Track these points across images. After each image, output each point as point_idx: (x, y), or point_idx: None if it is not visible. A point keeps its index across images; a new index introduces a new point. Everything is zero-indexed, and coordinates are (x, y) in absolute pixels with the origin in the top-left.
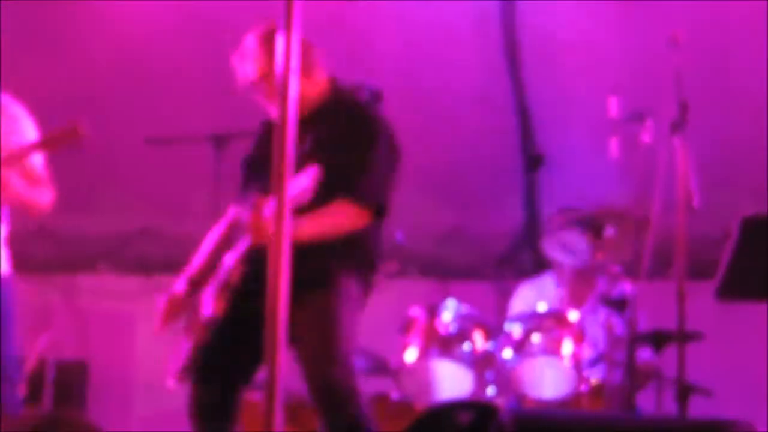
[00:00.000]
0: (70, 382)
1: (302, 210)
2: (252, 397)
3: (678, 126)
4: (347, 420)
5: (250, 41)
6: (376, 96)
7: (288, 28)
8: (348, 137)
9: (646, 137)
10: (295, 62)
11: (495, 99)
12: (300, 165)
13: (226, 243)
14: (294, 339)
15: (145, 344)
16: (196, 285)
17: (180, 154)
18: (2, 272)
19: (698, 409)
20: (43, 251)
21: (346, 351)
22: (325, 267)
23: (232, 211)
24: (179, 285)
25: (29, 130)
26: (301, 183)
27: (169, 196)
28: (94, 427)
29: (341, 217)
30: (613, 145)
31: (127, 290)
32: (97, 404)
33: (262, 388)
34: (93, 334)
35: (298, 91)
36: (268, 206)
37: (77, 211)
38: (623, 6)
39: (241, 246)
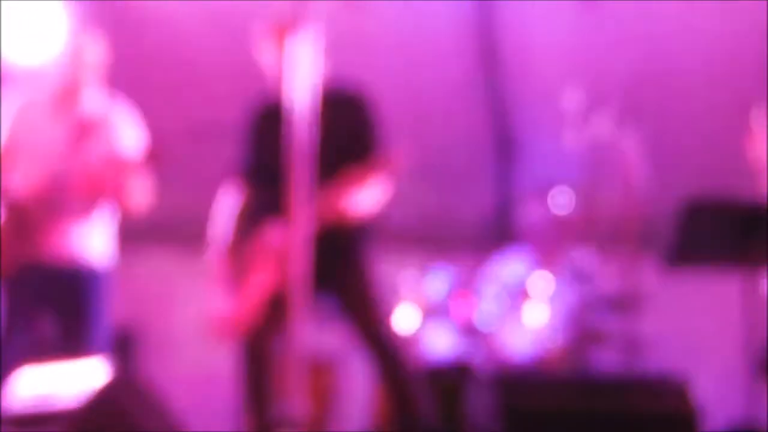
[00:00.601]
0: (121, 347)
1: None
2: None
3: (628, 116)
4: (400, 364)
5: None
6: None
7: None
8: (360, 124)
9: (601, 126)
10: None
11: (470, 88)
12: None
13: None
14: (339, 296)
15: (186, 309)
16: (236, 253)
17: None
18: (107, 265)
19: (647, 362)
20: None
21: (388, 312)
22: (357, 244)
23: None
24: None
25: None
26: (360, 174)
27: (208, 180)
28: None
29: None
30: (573, 135)
31: (170, 262)
32: (145, 365)
33: None
34: (142, 301)
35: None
36: (338, 190)
37: None
38: (581, 6)
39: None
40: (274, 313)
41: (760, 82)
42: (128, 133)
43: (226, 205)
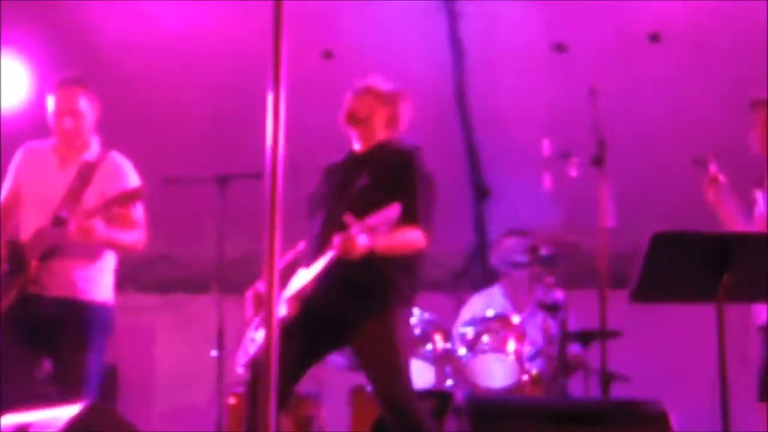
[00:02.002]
0: (103, 384)
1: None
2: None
3: (598, 161)
4: (408, 424)
5: (385, 86)
6: (416, 148)
7: (276, 83)
8: (401, 174)
9: (572, 172)
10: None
11: (448, 140)
12: (359, 194)
13: (293, 264)
14: (357, 351)
15: (164, 351)
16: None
17: (191, 191)
18: (107, 300)
19: (619, 393)
20: None
21: (407, 371)
22: (385, 293)
23: (301, 244)
24: (261, 285)
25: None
26: (388, 214)
27: (182, 227)
28: (124, 419)
29: (411, 237)
30: (546, 179)
31: (148, 306)
32: (125, 402)
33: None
34: (121, 344)
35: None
36: (356, 226)
37: None
38: (550, 59)
39: (322, 261)
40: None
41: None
42: (125, 179)
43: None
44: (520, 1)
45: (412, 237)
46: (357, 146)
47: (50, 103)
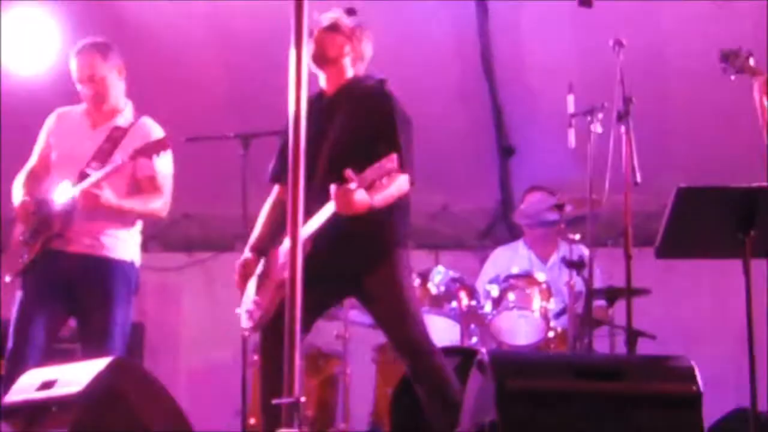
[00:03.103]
0: (130, 342)
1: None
2: None
3: (623, 117)
4: (428, 364)
5: (349, 21)
6: (383, 82)
7: (298, 40)
8: (380, 115)
9: (597, 128)
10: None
11: (473, 97)
12: (342, 141)
13: (276, 217)
14: (367, 302)
15: (189, 309)
16: (261, 252)
17: (214, 151)
18: (133, 259)
19: (645, 351)
20: None
21: (417, 311)
22: (386, 240)
23: (279, 190)
24: (247, 253)
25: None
26: (387, 166)
27: (206, 186)
28: (150, 375)
29: (399, 184)
30: (571, 136)
31: (173, 265)
32: (151, 359)
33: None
34: (147, 302)
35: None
36: (354, 181)
37: None
38: (575, 14)
39: (321, 215)
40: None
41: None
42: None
43: (265, 206)
44: None
45: (401, 183)
46: (325, 86)
47: (72, 69)
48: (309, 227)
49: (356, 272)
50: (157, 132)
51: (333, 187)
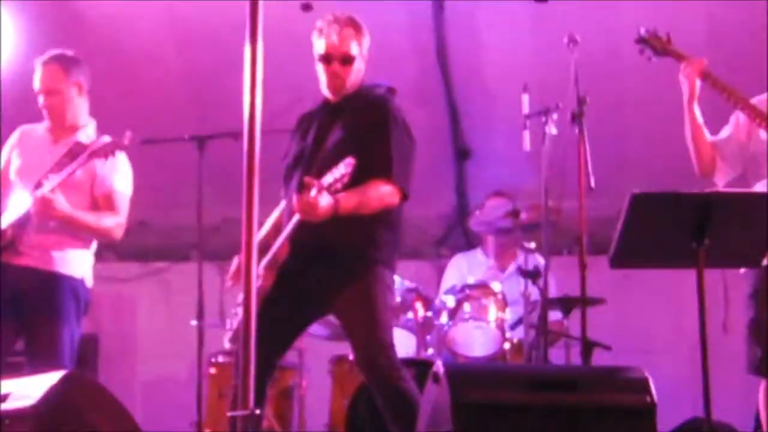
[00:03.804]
0: (84, 353)
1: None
2: None
3: (577, 118)
4: (393, 389)
5: (351, 22)
6: (392, 91)
7: (252, 37)
8: (375, 126)
9: (552, 129)
10: (259, 73)
11: (429, 99)
12: (333, 149)
13: (278, 226)
14: (340, 316)
15: (144, 319)
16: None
17: (169, 154)
18: (83, 277)
19: (600, 361)
20: None
21: (389, 336)
22: (366, 256)
23: (282, 204)
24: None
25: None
26: (340, 170)
27: (162, 192)
28: (103, 387)
29: (380, 193)
30: (526, 138)
31: (128, 275)
32: (106, 371)
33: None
34: (102, 312)
35: (347, 79)
36: (314, 187)
37: None
38: (531, 11)
39: (290, 225)
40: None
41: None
42: (115, 163)
43: (275, 211)
44: None
45: (382, 193)
46: (331, 91)
47: (34, 79)
48: (282, 237)
49: (333, 288)
50: (118, 154)
51: (295, 200)
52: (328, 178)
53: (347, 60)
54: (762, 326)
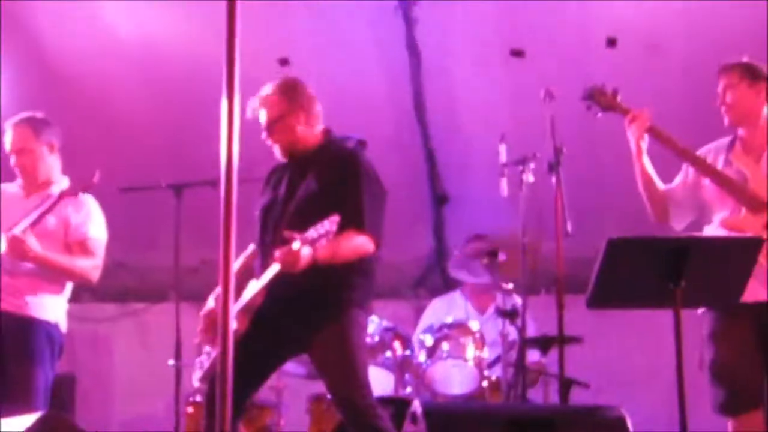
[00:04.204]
0: (61, 393)
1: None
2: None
3: (554, 167)
4: (370, 428)
5: (269, 88)
6: (362, 144)
7: (229, 90)
8: (346, 179)
9: (529, 178)
10: (235, 126)
11: (406, 146)
12: (305, 202)
13: (245, 272)
14: (314, 356)
15: (121, 359)
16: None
17: (147, 199)
18: (57, 322)
19: (578, 399)
20: None
21: (365, 376)
22: (340, 298)
23: (251, 248)
24: (211, 302)
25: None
26: (325, 226)
27: (139, 235)
28: (80, 428)
29: (355, 244)
30: (504, 185)
31: (106, 315)
32: (84, 411)
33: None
34: (79, 353)
35: (300, 137)
36: (296, 240)
37: None
38: (507, 64)
39: (268, 274)
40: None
41: (685, 127)
42: (89, 213)
43: (239, 259)
44: (477, 6)
45: (358, 243)
46: (282, 156)
47: (5, 140)
48: (259, 284)
49: (308, 329)
50: (91, 205)
51: (276, 251)
52: (311, 233)
53: (270, 126)
54: (723, 367)
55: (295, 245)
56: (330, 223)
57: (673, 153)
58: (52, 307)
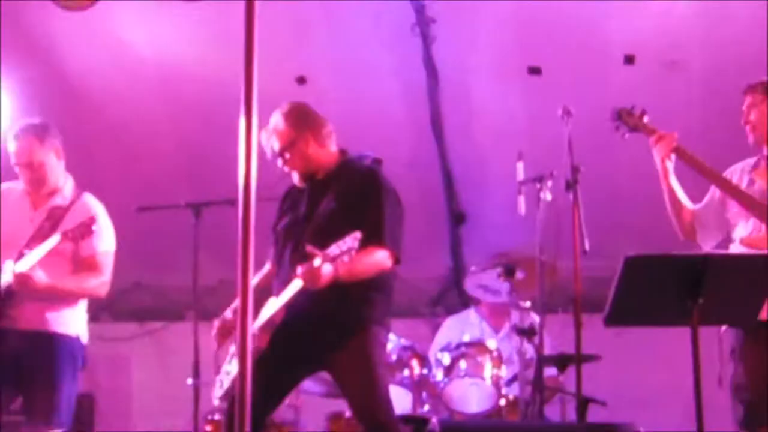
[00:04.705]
0: (80, 412)
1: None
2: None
3: (571, 185)
4: None
5: (276, 117)
6: (378, 162)
7: (248, 109)
8: (365, 196)
9: (547, 196)
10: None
11: (424, 164)
12: (326, 220)
13: (261, 291)
14: (336, 374)
15: (140, 379)
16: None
17: (165, 219)
18: (79, 334)
19: (595, 417)
20: None
21: (386, 392)
22: (360, 315)
23: (268, 266)
24: (228, 313)
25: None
26: (347, 243)
27: (157, 255)
28: None
29: (375, 259)
30: (521, 203)
31: (124, 335)
32: (103, 429)
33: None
34: (97, 372)
35: (314, 160)
36: (318, 256)
37: None
38: (525, 82)
39: (288, 291)
40: (270, 380)
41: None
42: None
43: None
44: (494, 24)
45: (377, 258)
46: (299, 179)
47: (10, 152)
48: (279, 302)
49: (328, 346)
50: (96, 210)
51: (298, 268)
52: (333, 250)
53: (282, 153)
54: (742, 385)
55: (317, 262)
56: (352, 240)
57: (698, 173)
58: (72, 320)
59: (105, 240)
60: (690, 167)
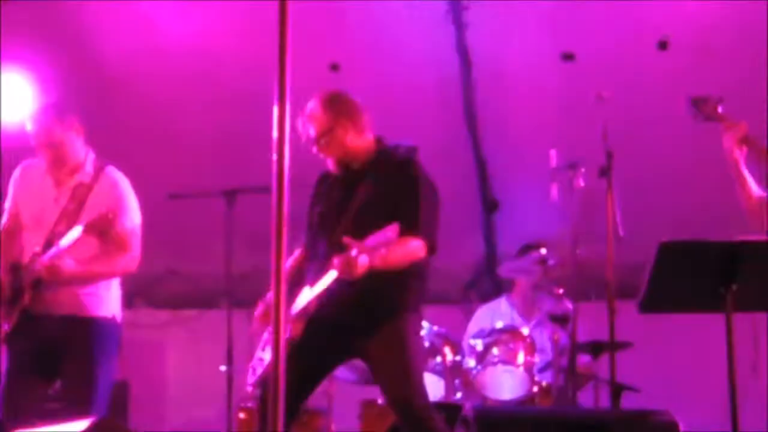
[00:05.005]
0: (114, 399)
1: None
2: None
3: (605, 171)
4: (423, 426)
5: (314, 103)
6: (413, 150)
7: (281, 96)
8: (402, 186)
9: (580, 182)
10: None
11: (457, 152)
12: (362, 209)
13: (295, 275)
14: (371, 361)
15: (174, 366)
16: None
17: (199, 206)
18: (114, 315)
19: (629, 404)
20: None
21: (420, 378)
22: (395, 302)
23: (299, 252)
24: (270, 297)
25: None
26: (387, 234)
27: (191, 242)
28: None
29: (410, 248)
30: (554, 190)
31: (158, 322)
32: (136, 417)
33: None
34: (131, 359)
35: (351, 148)
36: (355, 247)
37: None
38: (558, 69)
39: (324, 281)
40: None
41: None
42: (121, 195)
43: (289, 261)
44: (527, 10)
45: (412, 248)
46: (336, 167)
47: (30, 133)
48: (314, 291)
49: (363, 333)
50: (122, 184)
51: (334, 259)
52: (370, 241)
53: (318, 140)
54: None
55: (353, 253)
56: (390, 231)
57: (766, 166)
58: (106, 301)
59: (131, 216)
60: (758, 157)
